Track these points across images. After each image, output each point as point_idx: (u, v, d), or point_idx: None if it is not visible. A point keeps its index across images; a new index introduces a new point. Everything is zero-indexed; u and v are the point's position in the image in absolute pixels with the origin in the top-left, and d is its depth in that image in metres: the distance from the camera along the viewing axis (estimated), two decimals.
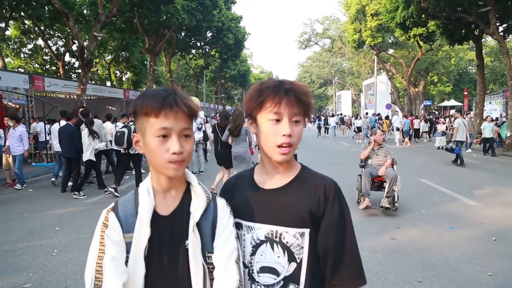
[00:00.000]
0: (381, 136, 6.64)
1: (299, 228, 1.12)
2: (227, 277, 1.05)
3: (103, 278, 0.99)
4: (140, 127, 1.06)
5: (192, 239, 1.06)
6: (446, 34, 21.44)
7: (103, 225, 1.06)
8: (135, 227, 1.05)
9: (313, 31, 51.23)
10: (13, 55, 27.43)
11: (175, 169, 1.03)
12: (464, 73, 46.23)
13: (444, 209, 6.41)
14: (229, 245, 1.08)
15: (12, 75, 16.34)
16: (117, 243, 1.04)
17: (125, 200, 1.13)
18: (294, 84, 1.13)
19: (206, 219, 1.10)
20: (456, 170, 10.77)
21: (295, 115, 1.10)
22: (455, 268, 3.93)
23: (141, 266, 1.03)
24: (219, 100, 53.19)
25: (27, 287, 3.65)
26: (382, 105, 34.10)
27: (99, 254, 1.02)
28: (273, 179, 1.18)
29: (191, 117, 1.06)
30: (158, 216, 1.07)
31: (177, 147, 1.01)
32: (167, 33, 22.95)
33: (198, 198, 1.10)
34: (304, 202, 1.13)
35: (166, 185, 1.09)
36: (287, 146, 1.09)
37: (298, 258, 1.12)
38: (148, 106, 1.02)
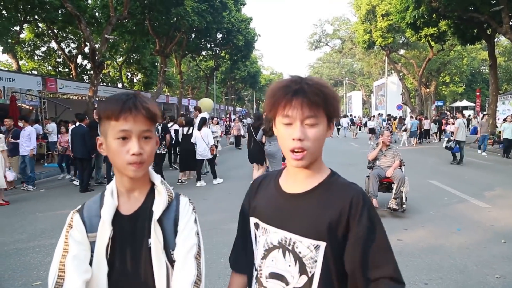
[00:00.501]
0: (389, 137, 6.61)
1: (314, 240, 1.04)
2: (185, 272, 1.08)
3: (65, 276, 1.03)
4: (103, 130, 1.10)
5: (154, 237, 1.09)
6: (457, 34, 21.21)
7: (68, 226, 1.12)
8: (98, 227, 1.09)
9: (323, 32, 51.01)
10: (27, 57, 27.89)
11: (135, 170, 1.07)
12: (477, 73, 45.60)
13: (453, 210, 6.34)
14: (189, 240, 1.11)
15: (26, 77, 16.66)
16: (79, 242, 1.08)
17: (91, 201, 1.17)
18: (306, 83, 1.04)
19: (168, 217, 1.13)
20: (467, 171, 10.63)
21: (308, 118, 1.02)
22: (462, 270, 3.89)
23: (104, 264, 1.07)
24: (230, 101, 53.34)
25: (37, 285, 3.74)
26: (393, 106, 33.87)
27: (63, 254, 1.07)
28: (296, 183, 1.12)
29: (151, 119, 1.09)
30: (120, 215, 1.11)
31: (136, 148, 1.05)
32: (178, 35, 23.10)
33: (160, 197, 1.14)
34: (324, 213, 1.04)
35: (129, 185, 1.13)
36: (300, 151, 1.03)
37: (310, 272, 1.05)
38: (109, 110, 1.06)
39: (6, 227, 5.88)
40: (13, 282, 3.81)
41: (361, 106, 62.11)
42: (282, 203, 1.11)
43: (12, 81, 14.73)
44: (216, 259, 4.31)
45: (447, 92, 43.48)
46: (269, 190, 1.18)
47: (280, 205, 1.12)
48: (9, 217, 6.55)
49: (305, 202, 1.08)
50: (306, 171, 1.10)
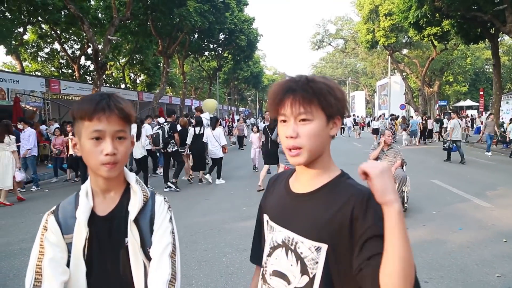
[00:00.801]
0: (390, 137, 6.61)
1: (315, 242, 1.01)
2: (160, 270, 1.09)
3: (42, 279, 1.04)
4: (76, 131, 1.10)
5: (130, 236, 1.10)
6: (461, 33, 21.15)
7: (43, 228, 1.12)
8: (74, 228, 1.10)
9: (326, 32, 50.94)
10: (30, 59, 28.09)
11: (108, 171, 1.07)
12: (480, 72, 45.46)
13: (455, 210, 6.34)
14: (164, 239, 1.12)
15: (30, 79, 16.79)
16: (55, 245, 1.09)
17: (66, 202, 1.17)
18: (296, 80, 1.03)
19: (144, 216, 1.14)
20: (469, 170, 10.61)
21: (300, 114, 1.00)
22: (463, 269, 3.91)
23: (82, 265, 1.09)
24: (232, 101, 53.42)
25: None
26: (396, 105, 33.80)
27: (39, 256, 1.07)
28: (303, 183, 1.10)
29: (125, 120, 1.09)
30: (96, 216, 1.12)
31: (110, 148, 1.05)
32: (180, 36, 23.18)
33: (135, 197, 1.14)
34: (326, 214, 1.01)
35: (104, 186, 1.14)
36: (295, 148, 1.01)
37: (311, 273, 1.02)
38: (83, 109, 1.06)
39: (11, 228, 5.94)
40: (18, 281, 3.86)
41: (364, 105, 62.06)
42: (288, 203, 1.11)
43: (16, 82, 14.83)
44: (218, 258, 4.34)
45: (450, 91, 43.36)
46: (279, 189, 1.19)
47: (286, 204, 1.11)
48: (14, 217, 6.61)
49: (309, 203, 1.06)
50: (311, 171, 1.08)
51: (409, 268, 0.85)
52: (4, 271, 4.16)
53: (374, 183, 0.88)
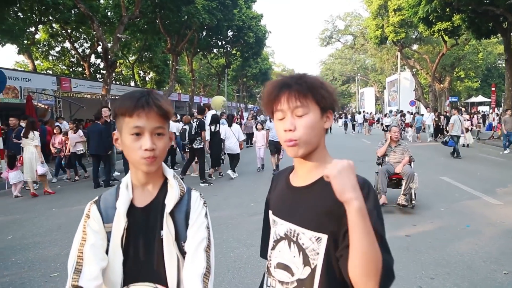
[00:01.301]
0: (396, 133, 6.59)
1: (315, 232, 1.06)
2: (195, 264, 1.13)
3: (83, 263, 1.10)
4: (118, 126, 1.16)
5: (166, 229, 1.14)
6: (472, 28, 20.82)
7: (86, 216, 1.18)
8: (114, 218, 1.15)
9: (335, 28, 50.66)
10: (42, 57, 28.47)
11: (147, 165, 1.12)
12: (493, 67, 44.74)
13: (463, 207, 6.32)
14: (199, 234, 1.17)
15: (41, 77, 17.06)
16: (97, 232, 1.15)
17: (107, 194, 1.23)
18: (289, 77, 1.11)
19: (180, 210, 1.18)
20: (480, 168, 10.51)
21: (297, 108, 1.06)
22: (469, 266, 3.91)
23: (119, 253, 1.14)
24: (241, 98, 53.46)
25: (55, 276, 3.90)
26: (406, 102, 33.48)
27: (81, 242, 1.13)
28: (301, 177, 1.16)
29: (163, 116, 1.13)
30: (134, 208, 1.17)
31: (149, 144, 1.09)
32: (189, 33, 23.27)
33: (172, 190, 1.19)
34: (324, 204, 1.05)
35: (143, 179, 1.19)
36: (292, 141, 1.06)
37: (312, 264, 1.07)
38: (124, 106, 1.11)
39: (25, 222, 6.09)
40: (33, 274, 3.98)
41: (373, 102, 61.58)
42: (288, 196, 1.17)
43: (28, 81, 15.11)
44: (226, 253, 4.40)
45: (461, 87, 42.79)
46: (281, 184, 1.24)
47: (286, 198, 1.17)
48: (27, 212, 6.78)
49: (307, 195, 1.11)
50: (309, 164, 1.13)
51: (372, 263, 0.91)
52: (19, 263, 4.29)
53: (332, 183, 0.92)
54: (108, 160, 9.11)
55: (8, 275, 3.97)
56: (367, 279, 0.91)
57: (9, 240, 5.18)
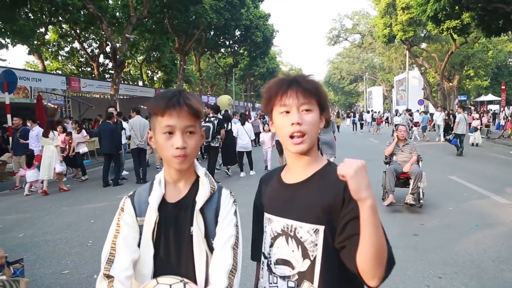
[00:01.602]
0: (402, 132, 6.56)
1: (313, 224, 1.12)
2: (222, 260, 1.15)
3: (115, 254, 1.15)
4: (152, 125, 1.20)
5: (195, 225, 1.17)
6: (482, 26, 20.54)
7: (121, 210, 1.23)
8: (146, 212, 1.19)
9: (343, 27, 50.43)
10: (51, 57, 28.80)
11: (179, 163, 1.15)
12: (503, 66, 44.14)
13: (472, 206, 6.28)
14: (227, 231, 1.18)
15: (51, 77, 17.25)
16: (130, 225, 1.19)
17: (141, 189, 1.28)
18: (297, 75, 1.19)
19: (210, 207, 1.21)
20: (489, 167, 10.41)
21: (303, 104, 1.13)
22: (478, 265, 3.89)
23: (150, 247, 1.17)
24: (249, 98, 53.50)
25: (65, 273, 3.97)
26: (414, 101, 33.20)
27: (115, 234, 1.18)
28: (294, 174, 1.21)
29: (194, 115, 1.16)
30: (166, 203, 1.21)
31: (180, 142, 1.13)
32: (196, 33, 23.37)
33: (203, 188, 1.22)
34: (320, 198, 1.12)
35: (176, 176, 1.22)
36: (299, 135, 1.12)
37: (311, 256, 1.12)
38: (156, 106, 1.15)
39: (36, 220, 6.19)
40: (44, 271, 4.05)
41: (381, 101, 61.18)
42: (283, 193, 1.21)
43: (38, 81, 15.28)
44: None
45: (471, 86, 42.33)
46: (273, 183, 1.29)
47: (281, 196, 1.22)
48: (38, 210, 6.88)
49: (303, 190, 1.17)
50: (304, 160, 1.19)
51: (382, 253, 0.99)
52: (30, 261, 4.35)
53: (349, 183, 0.96)
54: (118, 159, 9.23)
55: None
56: (376, 268, 0.99)
57: (21, 238, 5.27)
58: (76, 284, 3.70)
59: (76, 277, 3.86)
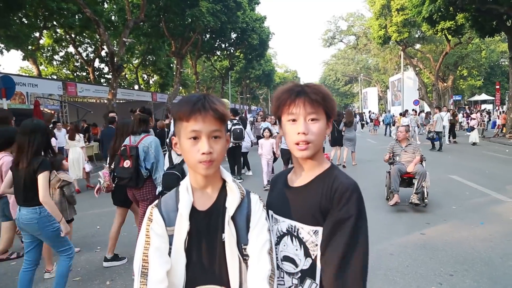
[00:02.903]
0: (402, 133, 6.62)
1: (312, 226, 1.18)
2: (260, 266, 1.14)
3: (149, 266, 1.12)
4: (176, 131, 1.18)
5: (228, 232, 1.15)
6: (476, 27, 20.80)
7: (149, 220, 1.19)
8: (176, 221, 1.16)
9: (338, 29, 50.76)
10: (46, 62, 28.62)
11: (205, 169, 1.13)
12: (496, 66, 44.60)
13: (475, 205, 6.34)
14: (262, 237, 1.17)
15: (47, 82, 17.17)
16: (160, 235, 1.16)
17: (167, 197, 1.24)
18: (306, 86, 1.22)
19: (240, 213, 1.19)
20: (488, 165, 10.51)
21: (310, 114, 1.18)
22: (487, 263, 3.94)
23: (182, 256, 1.15)
24: (245, 100, 53.53)
25: (77, 280, 3.95)
26: (410, 101, 33.42)
27: (145, 245, 1.15)
28: (299, 177, 1.27)
29: (220, 119, 1.14)
30: (196, 211, 1.18)
31: (206, 147, 1.10)
32: (193, 36, 23.36)
33: (233, 194, 1.20)
34: (317, 201, 1.17)
35: (203, 183, 1.20)
36: (304, 143, 1.17)
37: (313, 255, 1.19)
38: (181, 111, 1.13)
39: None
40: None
41: (377, 102, 61.48)
42: (288, 196, 1.28)
43: (34, 86, 15.21)
44: None
45: (465, 86, 42.73)
46: (280, 186, 1.35)
47: (286, 198, 1.28)
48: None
49: (304, 193, 1.23)
50: (308, 164, 1.25)
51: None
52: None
53: None
54: None
55: None
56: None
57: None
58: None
59: (88, 284, 3.84)
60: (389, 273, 3.75)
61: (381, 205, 6.45)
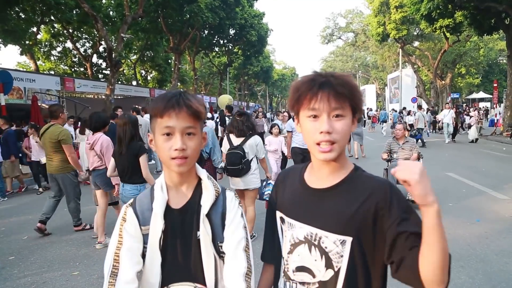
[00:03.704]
0: (400, 131, 6.66)
1: (340, 235, 1.05)
2: (236, 264, 1.14)
3: (119, 267, 1.12)
4: (152, 127, 1.16)
5: (203, 230, 1.14)
6: (474, 25, 20.80)
7: (122, 219, 1.18)
8: (151, 220, 1.15)
9: (336, 25, 50.64)
10: (44, 58, 28.51)
11: (178, 166, 1.11)
12: (494, 63, 44.74)
13: (472, 202, 6.39)
14: (237, 234, 1.16)
15: (45, 78, 17.09)
16: (133, 235, 1.15)
17: (142, 196, 1.22)
18: (331, 76, 1.05)
19: (215, 211, 1.18)
20: (484, 163, 10.57)
21: (335, 110, 1.03)
22: (482, 259, 3.98)
23: (157, 255, 1.14)
24: (243, 96, 53.49)
25: (75, 275, 3.98)
26: (408, 98, 33.48)
27: (117, 245, 1.14)
28: (321, 178, 1.13)
29: (194, 116, 1.12)
30: (170, 209, 1.16)
31: (179, 144, 1.09)
32: (191, 32, 23.32)
33: (208, 191, 1.18)
34: (350, 207, 1.05)
35: (177, 180, 1.18)
36: (328, 143, 1.03)
37: (336, 267, 1.06)
38: (155, 107, 1.12)
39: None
40: (53, 273, 4.05)
41: (375, 99, 61.52)
42: (307, 199, 1.13)
43: (32, 81, 15.12)
44: None
45: (463, 84, 42.83)
46: (294, 185, 1.20)
47: (305, 201, 1.13)
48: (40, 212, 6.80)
49: (330, 198, 1.09)
50: (331, 166, 1.10)
51: (446, 258, 0.93)
52: (38, 263, 4.36)
53: (415, 189, 0.89)
54: None
55: (29, 275, 4.04)
56: (444, 273, 0.93)
57: (25, 240, 5.26)
58: (88, 286, 3.71)
59: (86, 279, 3.87)
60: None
61: None
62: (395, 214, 1.00)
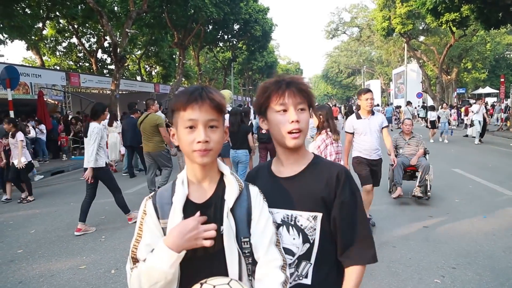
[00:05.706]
0: (408, 126, 6.61)
1: (312, 212, 1.25)
2: (271, 259, 1.15)
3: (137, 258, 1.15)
4: (174, 122, 1.18)
5: (227, 224, 1.13)
6: (481, 19, 20.49)
7: (143, 213, 1.19)
8: (169, 214, 1.14)
9: (341, 20, 50.28)
10: (49, 53, 28.58)
11: (201, 157, 1.12)
12: (501, 58, 44.18)
13: (478, 198, 6.35)
14: (268, 229, 1.18)
15: (51, 73, 17.17)
16: (152, 230, 1.16)
17: (163, 189, 1.24)
18: (293, 77, 1.28)
19: (240, 206, 1.18)
20: (491, 159, 10.50)
21: (299, 104, 1.24)
22: (490, 256, 3.96)
23: None
24: (247, 92, 53.39)
25: (83, 268, 4.01)
26: (413, 94, 33.29)
27: (137, 238, 1.17)
28: (287, 168, 1.31)
29: (217, 109, 1.14)
30: (192, 204, 1.17)
31: (202, 136, 1.10)
32: (195, 27, 23.25)
33: (231, 186, 1.19)
34: (317, 188, 1.25)
35: (200, 175, 1.19)
36: (297, 131, 1.22)
37: (311, 239, 1.26)
38: (178, 101, 1.14)
39: (46, 216, 6.22)
40: (61, 266, 4.09)
41: (379, 94, 61.20)
42: (279, 187, 1.30)
43: (38, 77, 15.20)
44: None
45: (468, 79, 42.34)
46: (264, 178, 1.35)
47: (277, 189, 1.30)
48: (47, 206, 6.90)
49: (299, 182, 1.28)
50: (296, 155, 1.31)
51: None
52: (46, 256, 4.40)
53: None
54: (141, 153, 9.29)
55: (37, 268, 4.08)
56: None
57: (33, 234, 5.30)
58: (95, 279, 3.73)
59: (93, 272, 3.90)
60: (391, 265, 3.78)
61: (384, 198, 6.47)
62: (345, 192, 1.24)
